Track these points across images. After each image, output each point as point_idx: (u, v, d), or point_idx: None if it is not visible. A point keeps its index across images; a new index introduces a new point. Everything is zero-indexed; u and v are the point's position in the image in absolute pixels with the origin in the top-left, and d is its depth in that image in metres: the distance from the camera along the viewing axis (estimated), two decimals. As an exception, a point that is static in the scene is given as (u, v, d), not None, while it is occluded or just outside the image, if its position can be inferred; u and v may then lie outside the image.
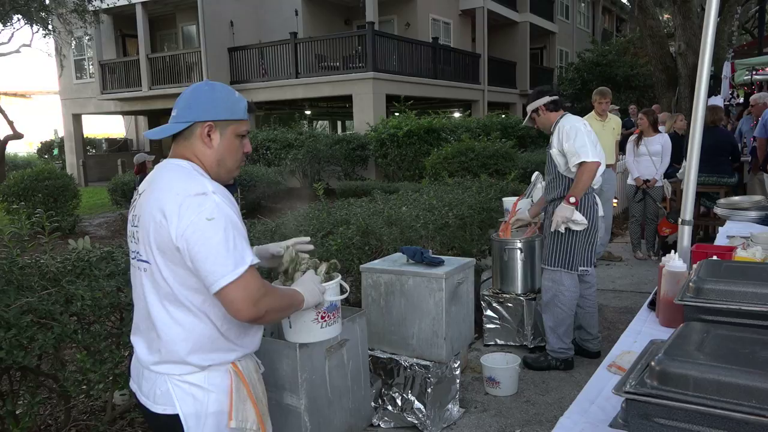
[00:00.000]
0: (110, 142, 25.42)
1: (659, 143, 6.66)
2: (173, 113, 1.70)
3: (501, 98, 22.63)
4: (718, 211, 4.30)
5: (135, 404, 2.95)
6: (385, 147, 14.24)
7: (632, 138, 6.89)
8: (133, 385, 1.77)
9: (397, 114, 15.40)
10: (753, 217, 3.95)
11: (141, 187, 1.71)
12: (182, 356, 1.61)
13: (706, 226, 7.26)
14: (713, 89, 11.58)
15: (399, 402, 3.23)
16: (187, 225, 1.52)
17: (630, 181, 6.93)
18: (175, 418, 1.62)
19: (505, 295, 4.41)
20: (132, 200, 1.76)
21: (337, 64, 16.83)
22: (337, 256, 3.84)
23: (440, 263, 3.27)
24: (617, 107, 10.01)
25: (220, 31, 17.66)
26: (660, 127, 7.99)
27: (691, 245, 3.28)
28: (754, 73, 8.82)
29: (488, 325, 4.48)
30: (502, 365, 3.71)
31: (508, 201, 4.99)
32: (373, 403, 3.25)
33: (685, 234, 3.17)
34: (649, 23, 13.69)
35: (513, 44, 23.90)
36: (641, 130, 6.79)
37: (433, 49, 18.55)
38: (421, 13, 19.44)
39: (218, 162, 1.70)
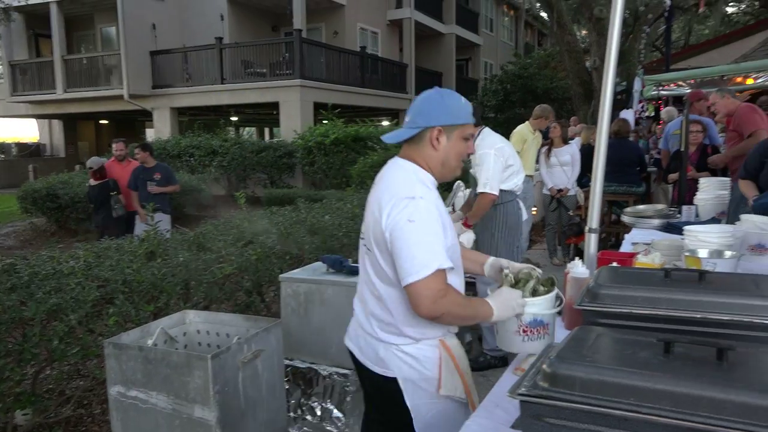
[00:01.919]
0: (21, 146, 24.04)
1: (568, 153, 6.96)
2: (406, 119, 1.92)
3: (428, 108, 22.96)
4: (624, 219, 4.55)
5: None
6: (312, 155, 14.18)
7: (543, 150, 7.16)
8: (349, 344, 2.06)
9: (324, 122, 15.38)
10: (656, 225, 4.20)
11: (377, 179, 1.96)
12: (400, 328, 1.86)
13: (617, 233, 7.63)
14: (625, 103, 12.22)
15: (318, 411, 3.21)
16: (393, 223, 1.75)
17: (545, 190, 7.21)
18: (394, 381, 1.88)
19: (426, 302, 4.47)
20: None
21: (264, 70, 16.64)
22: (257, 266, 3.80)
23: (359, 272, 3.28)
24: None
25: (141, 33, 17.08)
26: (576, 139, 8.35)
27: (600, 251, 3.45)
28: (660, 88, 9.35)
29: (410, 332, 4.53)
30: (421, 371, 3.76)
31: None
32: (291, 414, 3.23)
33: (591, 241, 3.32)
34: (567, 39, 14.33)
35: (439, 55, 24.37)
36: (552, 140, 7.07)
37: (361, 58, 18.66)
38: (349, 21, 19.52)
39: (442, 162, 1.90)
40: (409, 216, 1.73)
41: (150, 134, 19.47)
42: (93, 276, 3.13)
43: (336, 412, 3.17)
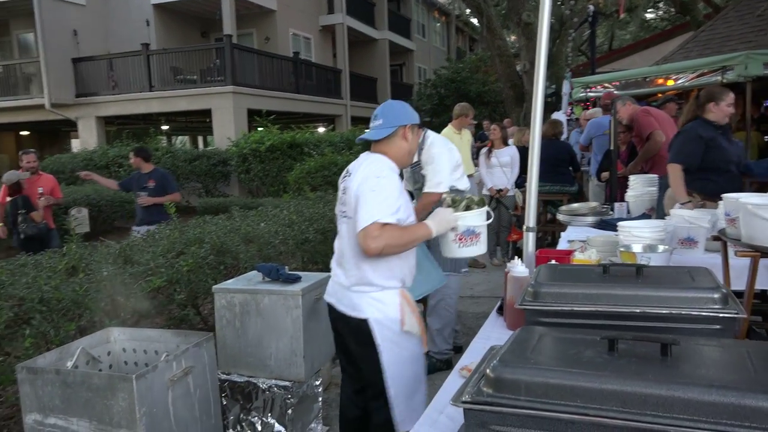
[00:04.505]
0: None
1: (508, 155, 7.07)
2: (378, 122, 2.44)
3: (363, 113, 22.96)
4: (559, 217, 4.62)
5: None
6: (247, 162, 13.88)
7: (484, 151, 7.25)
8: (329, 299, 2.56)
9: (259, 128, 15.10)
10: (590, 222, 4.28)
11: (351, 168, 2.46)
12: (369, 280, 2.36)
13: (553, 232, 7.78)
14: (556, 105, 12.54)
15: (259, 427, 3.09)
16: (360, 192, 2.27)
17: (484, 191, 7.28)
18: (366, 322, 2.37)
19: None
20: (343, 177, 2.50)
21: (195, 77, 16.20)
22: (189, 277, 3.63)
23: (297, 280, 3.18)
24: (475, 122, 10.51)
25: (62, 40, 16.31)
26: (509, 140, 8.51)
27: (538, 250, 3.47)
28: (588, 90, 9.63)
29: (351, 339, 4.45)
30: (364, 379, 3.69)
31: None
32: (231, 431, 3.09)
33: (529, 240, 3.32)
34: (497, 43, 14.60)
35: (373, 60, 24.41)
36: (492, 142, 7.17)
37: (294, 64, 18.45)
38: (281, 27, 19.27)
39: (409, 152, 2.50)
40: (372, 188, 2.26)
41: (75, 145, 18.59)
42: (6, 295, 2.90)
43: (277, 426, 3.05)
